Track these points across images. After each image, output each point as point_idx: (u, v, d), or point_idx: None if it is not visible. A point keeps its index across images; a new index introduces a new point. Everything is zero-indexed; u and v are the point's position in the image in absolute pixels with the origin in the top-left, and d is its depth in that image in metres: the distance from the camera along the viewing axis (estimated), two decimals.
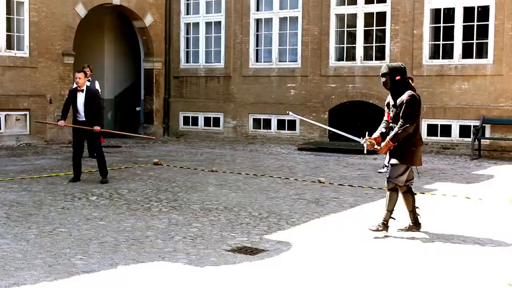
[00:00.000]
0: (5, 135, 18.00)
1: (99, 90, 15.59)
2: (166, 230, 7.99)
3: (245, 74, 21.06)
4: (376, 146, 7.97)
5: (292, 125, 20.31)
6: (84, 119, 11.84)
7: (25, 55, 18.46)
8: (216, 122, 21.78)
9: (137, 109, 23.15)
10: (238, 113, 21.15)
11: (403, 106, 7.64)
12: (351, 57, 19.56)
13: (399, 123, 7.68)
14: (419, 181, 12.55)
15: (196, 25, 22.31)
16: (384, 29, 18.81)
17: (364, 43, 19.16)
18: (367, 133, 8.22)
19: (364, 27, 19.09)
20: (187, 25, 22.55)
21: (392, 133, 7.75)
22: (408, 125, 7.60)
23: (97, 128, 11.74)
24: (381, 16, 18.86)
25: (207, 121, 22.02)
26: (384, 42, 18.88)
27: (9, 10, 18.12)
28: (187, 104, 22.37)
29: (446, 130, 17.97)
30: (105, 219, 8.56)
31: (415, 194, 8.22)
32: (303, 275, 6.15)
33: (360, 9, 19.14)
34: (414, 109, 7.64)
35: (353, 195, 10.79)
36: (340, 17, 19.57)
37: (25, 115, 18.52)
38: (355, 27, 19.23)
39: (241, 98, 21.01)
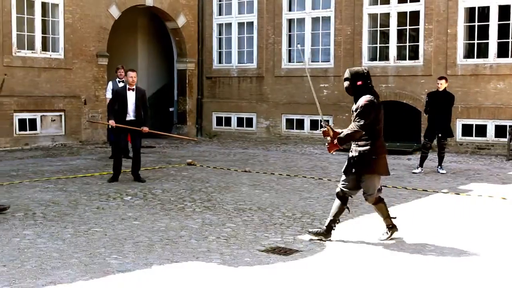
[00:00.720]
0: (41, 136, 18.22)
1: None
2: (200, 230, 8.02)
3: (277, 75, 21.05)
4: (328, 138, 7.60)
5: None
6: (134, 118, 11.97)
7: (60, 57, 18.68)
8: (249, 122, 21.81)
9: (171, 109, 23.27)
10: (271, 113, 21.15)
11: (357, 111, 7.38)
12: (384, 57, 19.44)
13: (349, 126, 7.41)
14: (454, 182, 12.44)
15: (229, 25, 22.36)
16: (418, 28, 18.66)
17: (397, 43, 19.04)
18: (329, 120, 7.93)
19: (397, 26, 18.97)
20: (220, 25, 22.62)
21: (342, 133, 7.46)
22: (356, 129, 7.28)
23: (145, 129, 11.91)
24: (415, 15, 18.71)
25: (240, 121, 22.06)
26: (418, 42, 18.73)
27: (44, 13, 18.36)
28: (220, 105, 22.44)
29: (481, 130, 17.76)
30: (140, 219, 8.62)
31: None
32: (336, 276, 6.12)
33: (393, 9, 19.02)
34: (367, 115, 7.26)
35: (387, 196, 10.65)
36: (373, 17, 19.46)
37: (61, 116, 18.73)
38: (388, 26, 19.12)
39: (273, 98, 21.00)
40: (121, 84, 15.54)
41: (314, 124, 20.43)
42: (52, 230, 7.86)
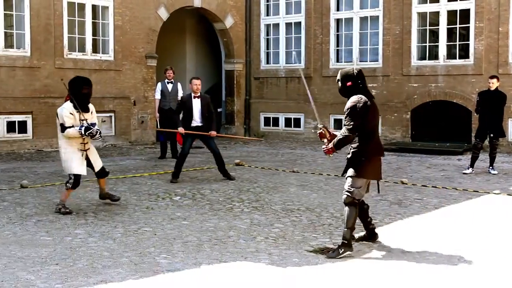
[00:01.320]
0: None
1: (182, 92, 15.91)
2: (248, 230, 8.04)
3: (325, 75, 20.97)
4: (324, 141, 7.37)
5: None
6: (200, 124, 12.24)
7: (110, 58, 18.93)
8: (297, 122, 21.77)
9: (219, 110, 23.37)
10: (318, 113, 21.05)
11: (345, 113, 7.15)
12: (434, 56, 19.20)
13: (341, 130, 7.22)
14: (506, 182, 12.21)
15: (276, 26, 22.36)
16: (468, 26, 18.39)
17: (447, 42, 18.78)
18: (323, 125, 7.63)
19: (447, 25, 18.71)
20: (267, 26, 22.63)
21: (335, 139, 7.22)
22: (346, 134, 7.07)
23: (213, 133, 12.18)
24: (465, 13, 18.44)
25: (287, 121, 22.04)
26: (468, 40, 18.45)
27: (94, 15, 18.64)
28: (267, 105, 22.45)
29: None
30: (188, 219, 8.68)
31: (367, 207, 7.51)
32: (385, 277, 6.07)
33: (443, 7, 18.77)
34: (355, 117, 7.01)
35: (437, 197, 10.58)
36: (422, 16, 19.24)
37: (110, 116, 18.98)
38: (438, 25, 18.87)
39: (321, 98, 20.92)
40: (169, 85, 15.72)
41: None
42: (103, 229, 7.97)
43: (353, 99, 7.07)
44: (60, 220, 8.46)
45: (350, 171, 7.16)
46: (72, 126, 8.79)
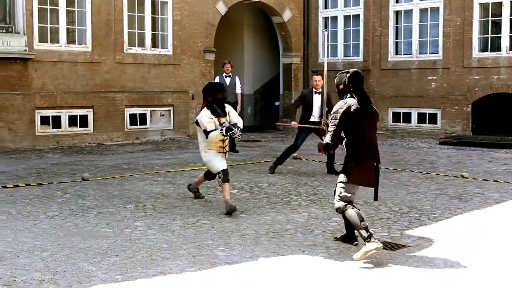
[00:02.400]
0: (151, 130, 18.73)
1: (240, 85, 15.98)
2: (305, 224, 8.03)
3: (384, 67, 20.76)
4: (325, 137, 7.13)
5: (433, 118, 19.81)
6: (317, 120, 12.36)
7: (169, 53, 19.11)
8: None
9: (276, 103, 23.38)
10: (377, 106, 20.67)
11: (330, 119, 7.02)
12: (496, 47, 18.78)
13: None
14: None
15: (334, 19, 22.22)
16: None
17: (510, 33, 18.35)
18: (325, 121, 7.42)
19: (510, 15, 18.28)
20: (325, 19, 22.51)
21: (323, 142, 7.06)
22: (328, 140, 6.89)
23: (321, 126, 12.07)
24: None
25: None
26: None
27: (154, 10, 18.84)
28: None
29: None
30: (246, 212, 8.71)
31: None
32: (445, 272, 5.98)
33: None
34: (338, 121, 6.76)
35: (499, 191, 10.37)
36: (484, 6, 18.84)
37: (169, 110, 19.18)
38: (500, 16, 18.46)
39: (380, 91, 20.71)
40: (227, 79, 15.80)
41: (422, 118, 20.03)
42: (162, 222, 8.07)
43: (337, 104, 6.89)
44: (120, 212, 8.60)
45: (341, 177, 6.95)
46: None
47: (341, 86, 6.98)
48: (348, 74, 6.96)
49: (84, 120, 17.40)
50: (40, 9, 16.53)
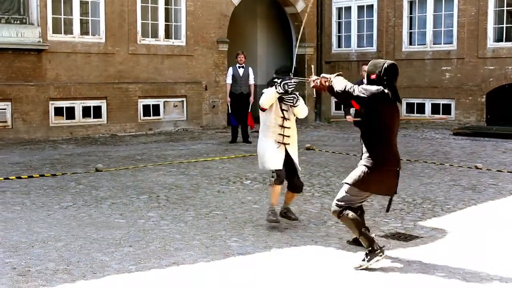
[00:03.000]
0: (164, 121, 18.76)
1: (253, 76, 15.96)
2: (318, 214, 8.03)
3: (398, 58, 20.63)
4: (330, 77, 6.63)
5: (446, 109, 19.71)
6: None
7: (182, 44, 19.12)
8: None
9: None
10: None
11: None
12: (511, 37, 18.64)
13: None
14: None
15: (348, 9, 22.14)
16: None
17: None
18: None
19: None
20: (339, 9, 22.43)
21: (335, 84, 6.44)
22: (339, 88, 6.30)
23: (349, 117, 11.25)
24: None
25: None
26: None
27: (167, 1, 18.84)
28: None
29: None
30: (259, 202, 8.72)
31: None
32: (459, 263, 5.96)
33: None
34: (358, 91, 6.07)
35: None
36: None
37: (182, 101, 19.19)
38: None
39: None
40: (241, 70, 15.79)
41: (436, 108, 19.93)
42: (175, 212, 8.09)
43: (369, 86, 6.10)
44: (133, 203, 8.63)
45: (350, 177, 6.18)
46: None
47: (374, 76, 6.09)
48: (385, 65, 6.05)
49: (97, 111, 17.46)
50: (54, 0, 16.57)
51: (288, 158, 7.36)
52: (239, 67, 15.82)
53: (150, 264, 5.93)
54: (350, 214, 6.05)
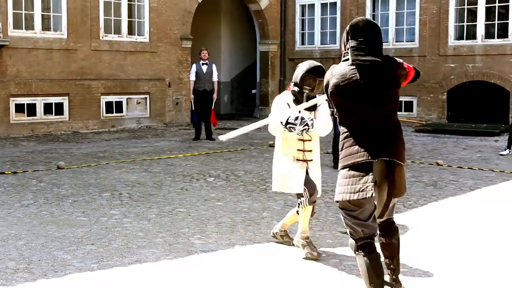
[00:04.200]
0: (127, 118, 18.65)
1: (217, 73, 15.93)
2: (282, 211, 8.04)
3: None
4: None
5: (409, 106, 19.89)
6: None
7: (145, 40, 19.00)
8: None
9: (253, 91, 23.36)
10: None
11: None
12: (472, 35, 18.90)
13: None
14: None
15: (312, 6, 22.21)
16: (507, 5, 18.04)
17: (485, 21, 18.48)
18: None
19: (486, 3, 18.39)
20: (302, 6, 22.50)
21: None
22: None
23: None
24: None
25: None
26: (507, 19, 18.11)
27: None
28: None
29: None
30: (222, 200, 8.71)
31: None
32: (419, 258, 6.03)
33: None
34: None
35: (473, 178, 10.47)
36: None
37: (145, 98, 19.10)
38: (476, 4, 18.55)
39: None
40: (204, 67, 15.74)
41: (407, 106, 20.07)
42: (138, 210, 8.04)
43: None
44: (95, 201, 8.56)
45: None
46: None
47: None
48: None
49: (59, 108, 17.28)
50: None
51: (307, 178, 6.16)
52: (203, 63, 15.78)
53: (112, 262, 5.89)
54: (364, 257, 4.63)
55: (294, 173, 6.12)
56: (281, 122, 5.87)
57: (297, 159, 6.15)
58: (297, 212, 6.29)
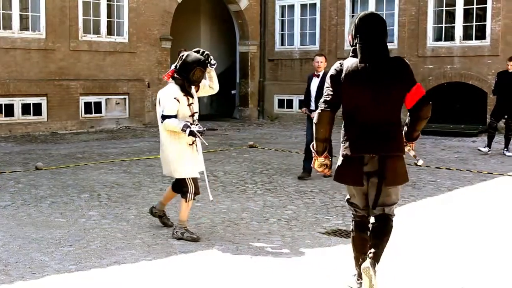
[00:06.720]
0: (106, 119, 18.56)
1: None
2: (261, 212, 8.06)
3: (340, 56, 20.81)
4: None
5: None
6: (314, 107, 10.21)
7: (124, 41, 18.93)
8: None
9: (233, 92, 23.36)
10: None
11: None
12: (450, 37, 19.03)
13: None
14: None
15: (291, 7, 22.25)
16: (485, 7, 18.20)
17: (463, 22, 18.61)
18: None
19: (464, 5, 18.53)
20: (282, 7, 22.53)
21: None
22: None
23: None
24: None
25: (301, 103, 21.95)
26: (485, 21, 18.26)
27: None
28: (281, 87, 22.39)
29: None
30: (202, 201, 8.68)
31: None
32: (398, 259, 6.06)
33: None
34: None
35: (451, 178, 10.55)
36: None
37: (125, 99, 19.03)
38: (454, 6, 18.69)
39: None
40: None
41: None
42: (116, 211, 8.01)
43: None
44: (74, 202, 8.51)
45: None
46: None
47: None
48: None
49: (37, 109, 17.16)
50: None
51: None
52: None
53: (90, 263, 5.86)
54: (353, 231, 5.19)
55: (191, 158, 6.75)
56: (183, 130, 6.48)
57: (189, 144, 6.71)
58: (171, 190, 7.05)
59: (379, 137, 4.89)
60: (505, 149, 13.51)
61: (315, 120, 5.12)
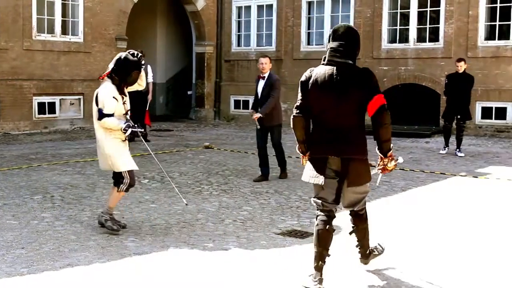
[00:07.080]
0: (60, 119, 18.33)
1: (152, 75, 15.79)
2: (216, 213, 8.05)
3: (296, 57, 20.97)
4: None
5: None
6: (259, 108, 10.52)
7: (79, 40, 18.72)
8: None
9: (189, 93, 23.30)
10: (289, 96, 21.07)
11: None
12: (404, 39, 19.27)
13: None
14: (473, 165, 12.36)
15: (248, 8, 22.28)
16: (439, 10, 18.48)
17: (417, 25, 18.87)
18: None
19: (418, 8, 18.79)
20: (239, 8, 22.54)
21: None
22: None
23: (256, 115, 10.47)
24: None
25: None
26: (438, 24, 18.54)
27: None
28: (238, 88, 22.39)
29: (501, 113, 17.58)
30: (157, 202, 8.66)
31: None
32: (351, 259, 6.11)
33: None
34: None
35: (405, 179, 10.68)
36: None
37: (79, 99, 18.82)
38: (409, 8, 18.93)
39: (292, 81, 20.85)
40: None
41: None
42: (70, 213, 7.92)
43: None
44: (26, 203, 8.39)
45: None
46: None
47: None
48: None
49: None
50: None
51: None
52: None
53: (43, 266, 5.78)
54: (317, 224, 5.44)
55: (127, 153, 7.10)
56: (125, 130, 6.93)
57: (122, 140, 7.05)
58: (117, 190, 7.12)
59: (340, 141, 5.31)
60: (457, 150, 13.74)
61: (291, 125, 5.52)
